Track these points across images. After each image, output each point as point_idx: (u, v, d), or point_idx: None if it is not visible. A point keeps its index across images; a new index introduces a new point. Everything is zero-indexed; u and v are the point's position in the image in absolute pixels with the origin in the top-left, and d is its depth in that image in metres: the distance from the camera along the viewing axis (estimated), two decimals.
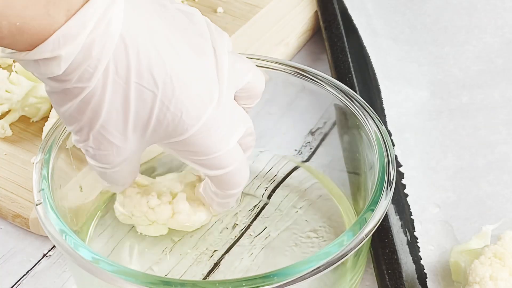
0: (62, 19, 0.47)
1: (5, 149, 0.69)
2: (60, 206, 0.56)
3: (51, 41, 0.47)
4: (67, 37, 0.47)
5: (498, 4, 0.83)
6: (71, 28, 0.47)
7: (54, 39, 0.47)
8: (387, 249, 0.61)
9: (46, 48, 0.48)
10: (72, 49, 0.48)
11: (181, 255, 0.61)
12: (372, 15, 0.84)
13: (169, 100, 0.52)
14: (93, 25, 0.48)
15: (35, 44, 0.48)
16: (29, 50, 0.48)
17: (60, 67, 0.49)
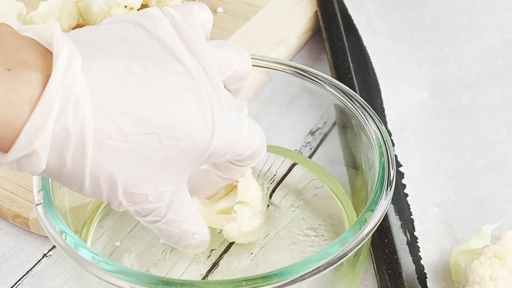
0: (27, 107, 0.45)
1: None
2: (60, 206, 0.56)
3: (22, 137, 0.45)
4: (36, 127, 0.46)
5: (498, 4, 0.83)
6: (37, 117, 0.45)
7: (24, 133, 0.45)
8: (387, 249, 0.61)
9: (20, 145, 0.46)
10: (44, 139, 0.46)
11: (180, 256, 0.61)
12: (372, 15, 0.84)
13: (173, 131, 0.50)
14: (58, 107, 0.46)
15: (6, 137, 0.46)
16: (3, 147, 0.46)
17: (41, 161, 0.47)
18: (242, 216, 0.60)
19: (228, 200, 0.61)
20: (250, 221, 0.60)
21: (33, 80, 0.46)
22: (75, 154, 0.47)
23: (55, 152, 0.47)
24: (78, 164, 0.48)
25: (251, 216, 0.60)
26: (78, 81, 0.47)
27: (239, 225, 0.60)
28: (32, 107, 0.45)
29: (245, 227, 0.60)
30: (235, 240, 0.60)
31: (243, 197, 0.60)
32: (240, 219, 0.59)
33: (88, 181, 0.49)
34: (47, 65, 0.47)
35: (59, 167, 0.48)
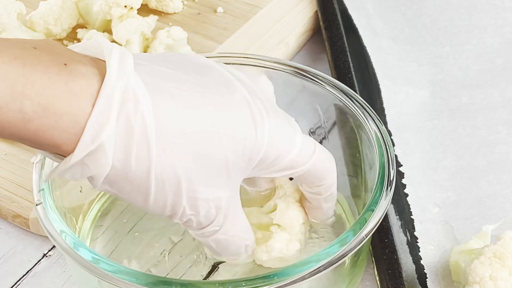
0: (89, 99, 0.45)
1: (5, 149, 0.69)
2: (60, 206, 0.56)
3: (88, 130, 0.45)
4: (101, 119, 0.45)
5: (498, 4, 0.83)
6: (100, 108, 0.45)
7: (90, 126, 0.45)
8: (387, 249, 0.61)
9: (86, 139, 0.45)
10: (110, 131, 0.45)
11: (181, 257, 0.61)
12: (372, 15, 0.84)
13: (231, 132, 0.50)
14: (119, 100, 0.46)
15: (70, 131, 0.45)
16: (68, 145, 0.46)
17: (107, 156, 0.46)
18: (275, 240, 0.57)
19: (269, 218, 0.59)
20: (283, 247, 0.57)
21: (90, 74, 0.46)
22: (139, 153, 0.47)
23: (120, 149, 0.46)
24: (143, 165, 0.47)
25: (285, 242, 0.58)
26: (134, 77, 0.47)
27: (269, 249, 0.57)
28: (93, 100, 0.45)
29: (276, 252, 0.57)
30: (263, 264, 0.58)
31: (280, 220, 0.58)
32: (272, 242, 0.57)
33: (154, 186, 0.48)
34: (100, 66, 0.47)
35: (125, 170, 0.47)
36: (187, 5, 0.86)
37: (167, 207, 0.50)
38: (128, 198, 0.49)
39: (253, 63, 0.65)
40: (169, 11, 0.85)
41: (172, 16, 0.85)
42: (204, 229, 0.53)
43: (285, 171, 0.54)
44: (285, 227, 0.58)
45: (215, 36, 0.81)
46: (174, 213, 0.51)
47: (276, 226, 0.58)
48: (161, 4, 0.84)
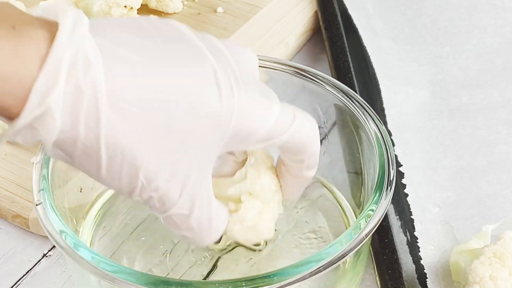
0: (36, 62, 0.44)
1: (5, 149, 0.69)
2: (60, 206, 0.56)
3: (34, 93, 0.43)
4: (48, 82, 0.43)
5: (498, 4, 0.83)
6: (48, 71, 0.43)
7: (36, 89, 0.43)
8: (387, 249, 0.61)
9: (32, 104, 0.44)
10: (57, 96, 0.44)
11: (179, 256, 0.61)
12: (372, 15, 0.84)
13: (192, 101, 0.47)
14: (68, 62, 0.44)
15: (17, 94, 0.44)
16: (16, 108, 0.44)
17: (55, 121, 0.44)
18: (246, 209, 0.55)
19: (239, 187, 0.55)
20: (255, 216, 0.55)
21: (40, 37, 0.44)
22: (88, 119, 0.45)
23: (69, 114, 0.44)
24: (92, 131, 0.45)
25: (258, 210, 0.55)
26: (87, 40, 0.45)
27: (241, 218, 0.55)
28: (41, 63, 0.44)
29: (248, 221, 0.55)
30: (236, 238, 0.55)
31: (252, 188, 0.55)
32: (243, 211, 0.55)
33: (104, 154, 0.46)
34: (52, 26, 0.45)
35: (74, 135, 0.45)
36: (187, 5, 0.86)
37: (123, 181, 0.47)
38: (81, 167, 0.47)
39: None
40: (169, 11, 0.85)
41: (172, 16, 0.85)
42: (169, 212, 0.50)
43: (262, 142, 0.51)
44: (257, 195, 0.55)
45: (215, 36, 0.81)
46: (132, 189, 0.48)
47: (248, 194, 0.55)
48: (161, 4, 0.84)
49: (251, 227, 0.55)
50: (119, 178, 0.47)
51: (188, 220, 0.51)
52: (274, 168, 0.57)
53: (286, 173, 0.56)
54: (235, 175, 0.56)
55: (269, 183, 0.56)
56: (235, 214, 0.54)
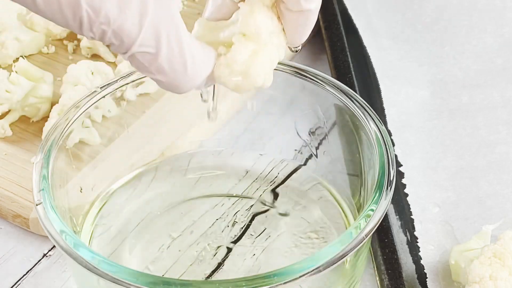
0: None
1: (5, 149, 0.69)
2: (60, 206, 0.56)
3: None
4: None
5: (498, 4, 0.83)
6: None
7: None
8: (387, 249, 0.61)
9: None
10: None
11: (181, 257, 0.61)
12: (372, 15, 0.84)
13: None
14: None
15: None
16: None
17: None
18: (236, 50, 0.48)
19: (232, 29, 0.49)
20: (247, 59, 0.48)
21: None
22: None
23: None
24: None
25: (250, 53, 0.48)
26: None
27: (229, 61, 0.48)
28: None
29: (238, 64, 0.48)
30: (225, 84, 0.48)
31: (245, 28, 0.48)
32: (232, 53, 0.47)
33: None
34: None
35: None
36: (187, 5, 0.86)
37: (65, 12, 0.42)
38: None
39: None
40: None
41: None
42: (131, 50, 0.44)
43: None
44: (251, 37, 0.48)
45: None
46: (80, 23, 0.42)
47: (240, 36, 0.48)
48: None
49: (241, 71, 0.48)
50: (60, 9, 0.42)
51: (157, 60, 0.45)
52: (275, 8, 0.49)
53: (285, 11, 0.49)
54: (232, 16, 0.50)
55: (265, 22, 0.48)
56: (223, 57, 0.48)
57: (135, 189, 0.66)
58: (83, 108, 0.61)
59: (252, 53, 0.48)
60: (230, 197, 0.66)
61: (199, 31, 0.49)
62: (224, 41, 0.49)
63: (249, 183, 0.67)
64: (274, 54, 0.49)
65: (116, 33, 0.43)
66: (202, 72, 0.47)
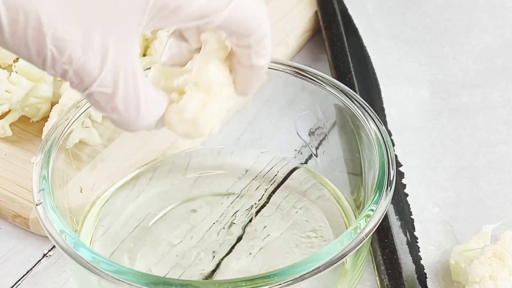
0: None
1: (5, 149, 0.69)
2: (60, 206, 0.56)
3: None
4: None
5: (498, 4, 0.83)
6: None
7: None
8: (387, 249, 0.61)
9: None
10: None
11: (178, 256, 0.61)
12: (372, 15, 0.84)
13: None
14: None
15: None
16: None
17: None
18: (187, 99, 0.50)
19: (186, 77, 0.51)
20: (198, 108, 0.50)
21: None
22: None
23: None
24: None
25: (201, 102, 0.50)
26: None
27: (180, 109, 0.50)
28: None
29: (188, 113, 0.50)
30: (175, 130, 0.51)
31: (197, 78, 0.50)
32: (183, 101, 0.50)
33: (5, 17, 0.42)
34: None
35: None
36: None
37: (31, 50, 0.43)
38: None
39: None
40: None
41: None
42: (90, 89, 0.45)
43: (195, 21, 0.46)
44: (203, 87, 0.50)
45: None
46: (43, 60, 0.44)
47: (192, 85, 0.50)
48: None
49: (190, 119, 0.50)
50: (26, 45, 0.43)
51: (113, 99, 0.46)
52: (228, 60, 0.52)
53: (237, 64, 0.51)
54: (186, 64, 0.52)
55: (216, 74, 0.50)
56: (175, 105, 0.50)
57: (135, 189, 0.66)
58: (83, 108, 0.61)
59: (202, 103, 0.50)
60: (230, 196, 0.66)
61: (155, 76, 0.52)
62: (177, 88, 0.51)
63: (248, 182, 0.67)
64: (223, 105, 0.52)
65: (77, 72, 0.45)
66: (154, 114, 0.49)
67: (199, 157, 0.69)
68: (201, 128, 0.51)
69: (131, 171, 0.66)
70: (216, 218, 0.64)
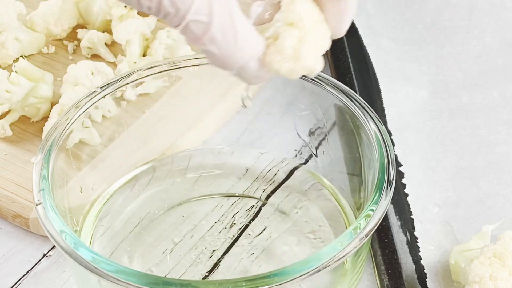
0: None
1: (5, 149, 0.69)
2: (60, 206, 0.56)
3: None
4: None
5: (498, 4, 0.83)
6: None
7: None
8: (387, 249, 0.61)
9: None
10: None
11: (181, 256, 0.61)
12: (372, 15, 0.84)
13: None
14: None
15: None
16: None
17: None
18: (283, 37, 0.50)
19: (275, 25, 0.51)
20: (295, 44, 0.50)
21: None
22: None
23: None
24: None
25: (297, 38, 0.50)
26: None
27: (278, 48, 0.50)
28: None
29: (288, 49, 0.50)
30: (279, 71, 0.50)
31: (286, 16, 0.50)
32: (280, 40, 0.50)
33: None
34: None
35: None
36: None
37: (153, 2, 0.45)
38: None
39: None
40: None
41: None
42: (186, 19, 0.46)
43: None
44: (294, 24, 0.50)
45: None
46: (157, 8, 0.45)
47: (285, 25, 0.50)
48: None
49: (292, 55, 0.50)
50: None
51: (210, 28, 0.47)
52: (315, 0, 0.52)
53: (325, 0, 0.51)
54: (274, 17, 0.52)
55: (306, 10, 0.50)
56: (273, 45, 0.50)
57: (135, 189, 0.66)
58: (83, 108, 0.61)
59: (298, 38, 0.50)
60: (230, 197, 0.66)
61: None
62: (270, 37, 0.51)
63: (249, 182, 0.67)
64: (320, 40, 0.51)
65: (173, 1, 0.46)
66: (253, 47, 0.49)
67: (199, 157, 0.69)
68: (304, 61, 0.50)
69: (131, 171, 0.67)
70: (217, 218, 0.64)
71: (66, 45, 0.80)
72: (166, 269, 0.60)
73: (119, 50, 0.78)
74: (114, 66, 0.76)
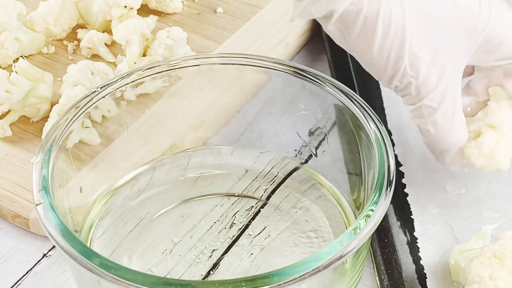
0: None
1: (5, 149, 0.69)
2: (60, 206, 0.56)
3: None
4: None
5: None
6: None
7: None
8: (387, 249, 0.61)
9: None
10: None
11: (180, 256, 0.61)
12: None
13: None
14: None
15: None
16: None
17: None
18: (484, 137, 0.60)
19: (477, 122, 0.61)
20: (493, 144, 0.60)
21: None
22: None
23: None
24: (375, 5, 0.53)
25: (495, 140, 0.60)
26: None
27: (479, 145, 0.60)
28: None
29: (486, 148, 0.60)
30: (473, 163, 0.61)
31: (490, 119, 0.60)
32: (481, 138, 0.60)
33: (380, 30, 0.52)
34: None
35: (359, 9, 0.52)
36: (187, 5, 0.86)
37: (390, 60, 0.53)
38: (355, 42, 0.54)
39: (253, 63, 0.65)
40: (169, 11, 0.85)
41: (172, 16, 0.85)
42: (421, 102, 0.56)
43: (508, 60, 0.56)
44: (495, 127, 0.60)
45: (215, 36, 0.81)
46: (396, 71, 0.54)
47: (487, 126, 0.60)
48: (161, 5, 0.84)
49: (487, 154, 0.60)
50: (388, 56, 0.54)
51: (435, 113, 0.57)
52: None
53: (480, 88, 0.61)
54: (477, 114, 0.62)
55: (507, 117, 0.60)
56: (473, 141, 0.60)
57: (135, 189, 0.66)
58: (83, 108, 0.61)
59: (496, 140, 0.60)
60: (230, 197, 0.66)
61: None
62: (472, 131, 0.61)
63: (249, 182, 0.67)
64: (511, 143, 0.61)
65: (419, 86, 0.56)
66: (461, 136, 0.59)
67: (199, 157, 0.69)
68: (496, 161, 0.60)
69: (131, 171, 0.67)
70: (217, 218, 0.64)
71: (66, 45, 0.80)
72: (166, 269, 0.60)
73: (119, 50, 0.78)
74: (114, 66, 0.76)
